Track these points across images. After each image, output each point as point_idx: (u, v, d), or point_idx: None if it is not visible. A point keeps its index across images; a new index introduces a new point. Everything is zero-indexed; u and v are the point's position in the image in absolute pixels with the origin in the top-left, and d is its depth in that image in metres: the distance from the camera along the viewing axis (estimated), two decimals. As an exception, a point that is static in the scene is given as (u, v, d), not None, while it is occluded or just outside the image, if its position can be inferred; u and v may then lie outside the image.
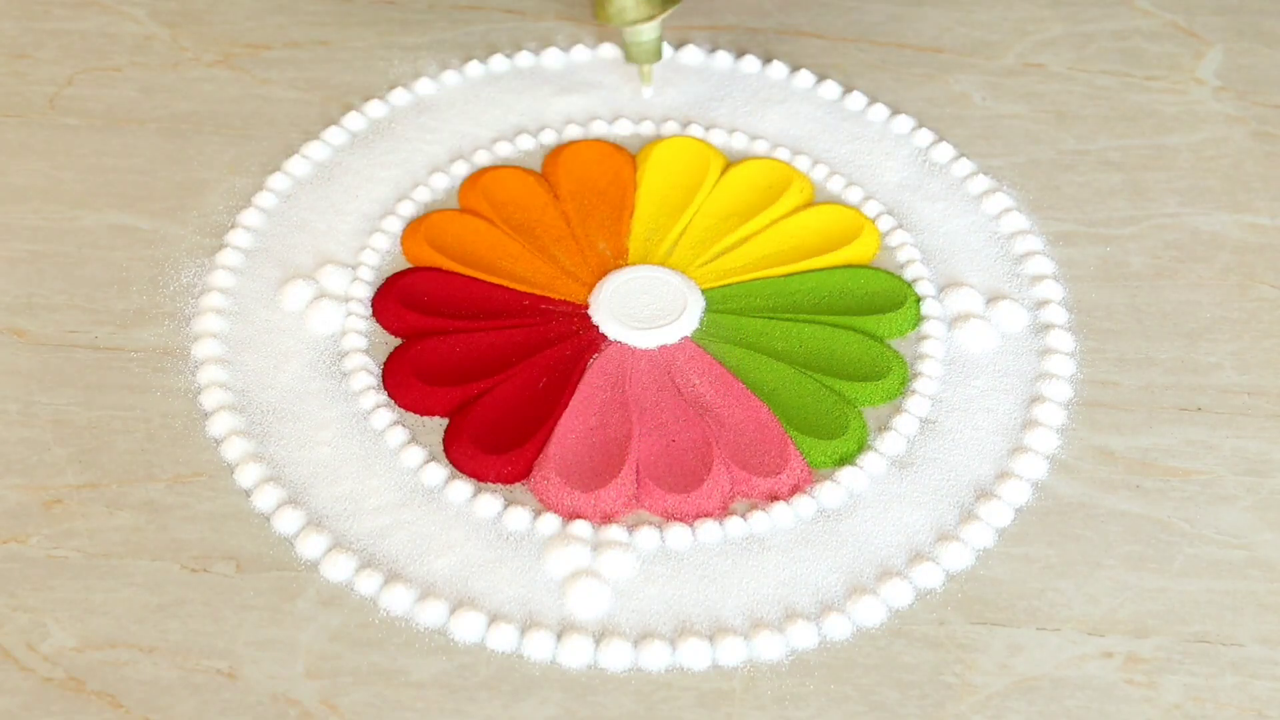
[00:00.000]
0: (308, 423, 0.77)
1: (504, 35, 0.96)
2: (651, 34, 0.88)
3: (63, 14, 0.97)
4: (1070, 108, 0.93)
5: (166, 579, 0.72)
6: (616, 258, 0.84)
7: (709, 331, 0.81)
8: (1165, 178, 0.89)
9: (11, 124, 0.91)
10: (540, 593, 0.72)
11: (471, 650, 0.70)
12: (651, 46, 0.89)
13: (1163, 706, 0.68)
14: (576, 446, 0.76)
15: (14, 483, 0.75)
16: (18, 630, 0.70)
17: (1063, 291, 0.84)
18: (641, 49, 0.89)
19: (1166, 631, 0.71)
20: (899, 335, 0.82)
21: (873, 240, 0.86)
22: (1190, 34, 0.97)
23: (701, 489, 0.75)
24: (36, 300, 0.82)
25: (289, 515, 0.74)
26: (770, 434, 0.77)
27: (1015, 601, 0.72)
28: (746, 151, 0.90)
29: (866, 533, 0.74)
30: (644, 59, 0.89)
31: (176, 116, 0.91)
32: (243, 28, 0.97)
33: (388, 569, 0.72)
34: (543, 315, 0.81)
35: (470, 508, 0.75)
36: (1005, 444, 0.77)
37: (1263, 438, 0.77)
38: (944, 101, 0.93)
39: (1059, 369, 0.80)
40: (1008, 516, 0.75)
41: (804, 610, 0.71)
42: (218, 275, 0.83)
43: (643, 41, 0.89)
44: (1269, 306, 0.83)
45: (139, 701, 0.68)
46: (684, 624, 0.71)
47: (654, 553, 0.73)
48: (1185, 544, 0.74)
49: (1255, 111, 0.93)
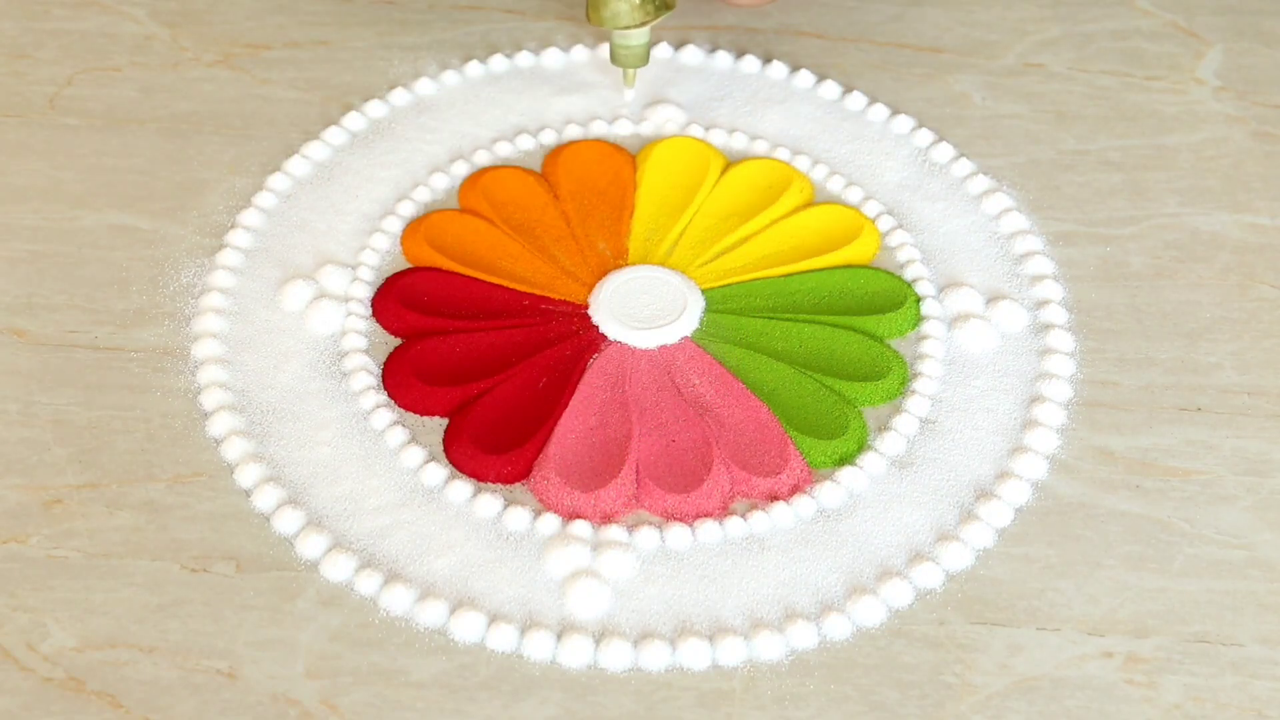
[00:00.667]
0: (308, 423, 0.77)
1: (504, 35, 0.96)
2: (641, 39, 0.87)
3: (63, 14, 0.97)
4: (1070, 108, 0.93)
5: (166, 579, 0.72)
6: (616, 258, 0.84)
7: (709, 331, 0.81)
8: (1165, 178, 0.89)
9: (11, 124, 0.91)
10: (540, 593, 0.72)
11: (471, 650, 0.70)
12: (639, 51, 0.88)
13: (1163, 706, 0.68)
14: (576, 446, 0.76)
15: (14, 483, 0.75)
16: (18, 630, 0.70)
17: (1063, 291, 0.84)
18: (630, 53, 0.88)
19: (1166, 631, 0.71)
20: (899, 335, 0.82)
21: (873, 240, 0.86)
22: (1190, 34, 0.97)
23: (701, 489, 0.75)
24: (36, 300, 0.82)
25: (289, 515, 0.74)
26: (770, 434, 0.77)
27: (1015, 601, 0.72)
28: (746, 151, 0.90)
29: (866, 533, 0.74)
30: (630, 63, 0.88)
31: (176, 116, 0.91)
32: (243, 28, 0.97)
33: (388, 569, 0.72)
34: (543, 315, 0.81)
35: (470, 508, 0.75)
36: (1005, 444, 0.77)
37: (1263, 438, 0.77)
38: (944, 101, 0.93)
39: (1059, 369, 0.80)
40: (1008, 516, 0.75)
41: (804, 610, 0.71)
42: (218, 275, 0.83)
43: (632, 46, 0.88)
44: (1269, 306, 0.83)
45: (139, 701, 0.68)
46: (684, 624, 0.71)
47: (654, 553, 0.73)
48: (1185, 544, 0.74)
49: (1255, 111, 0.93)
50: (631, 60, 0.88)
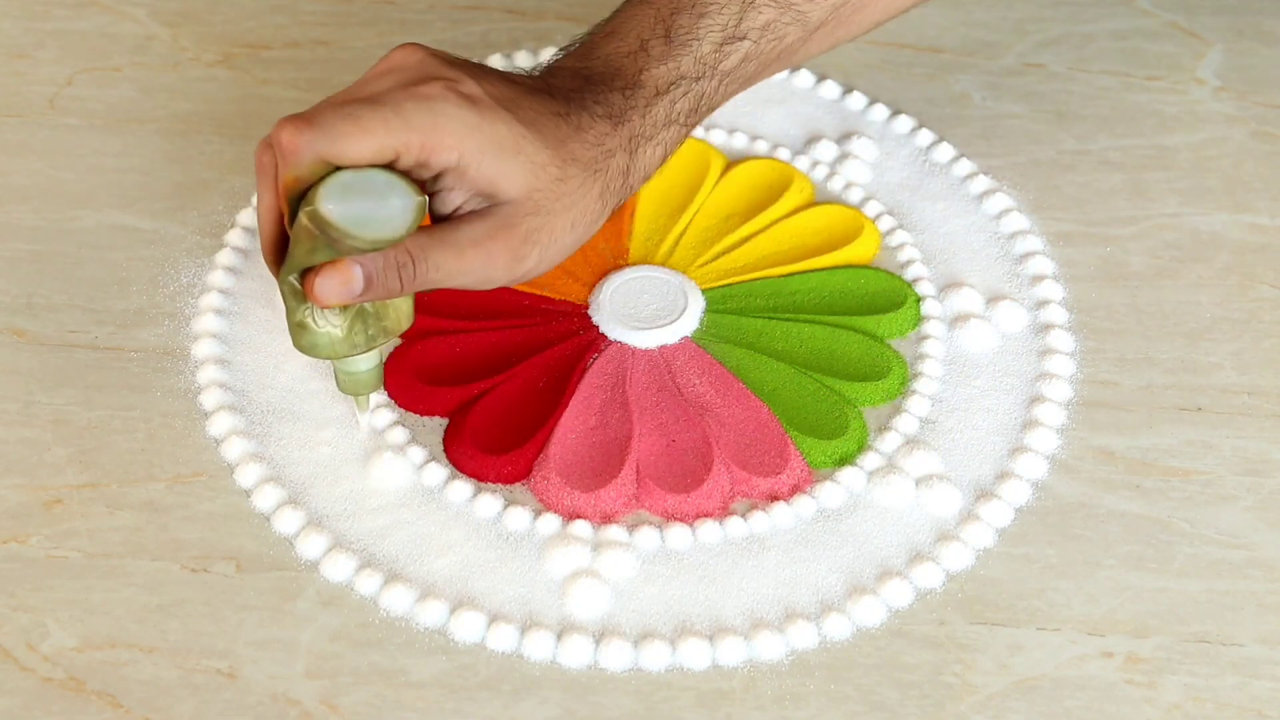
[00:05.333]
0: (308, 423, 0.77)
1: (504, 35, 0.96)
2: (368, 364, 0.72)
3: (63, 14, 0.97)
4: (1070, 108, 0.93)
5: (166, 579, 0.72)
6: (616, 258, 0.84)
7: (709, 331, 0.81)
8: (1165, 178, 0.89)
9: (11, 124, 0.91)
10: (540, 593, 0.72)
11: (471, 650, 0.70)
12: (367, 378, 0.72)
13: (1163, 706, 0.68)
14: (576, 446, 0.76)
15: (14, 483, 0.75)
16: (18, 630, 0.70)
17: (1063, 291, 0.84)
18: (355, 380, 0.72)
19: (1166, 631, 0.71)
20: (899, 335, 0.82)
21: (873, 240, 0.86)
22: (1190, 34, 0.97)
23: (701, 489, 0.75)
24: (36, 300, 0.82)
25: (289, 515, 0.74)
26: (770, 434, 0.77)
27: (1015, 601, 0.72)
28: (746, 151, 0.90)
29: (866, 533, 0.74)
30: (357, 390, 0.73)
31: (176, 116, 0.92)
32: (243, 28, 0.97)
33: (388, 569, 0.72)
34: (543, 315, 0.81)
35: (470, 508, 0.75)
36: (1005, 444, 0.77)
37: (1263, 438, 0.77)
38: (944, 101, 0.93)
39: (1059, 369, 0.80)
40: (1008, 516, 0.75)
41: (804, 610, 0.71)
42: (218, 275, 0.83)
43: (356, 373, 0.72)
44: (1269, 306, 0.83)
45: (139, 701, 0.68)
46: (684, 624, 0.71)
47: (654, 553, 0.73)
48: (1185, 544, 0.74)
49: (1255, 111, 0.93)
50: (359, 387, 0.73)
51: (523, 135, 0.67)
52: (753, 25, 0.73)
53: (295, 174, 0.65)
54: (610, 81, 0.70)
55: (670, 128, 0.72)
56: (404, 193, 0.65)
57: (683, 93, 0.72)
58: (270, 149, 0.66)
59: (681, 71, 0.71)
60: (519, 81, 0.69)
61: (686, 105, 0.72)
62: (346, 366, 0.72)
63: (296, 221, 0.65)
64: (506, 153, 0.66)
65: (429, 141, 0.65)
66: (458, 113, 0.66)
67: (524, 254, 0.69)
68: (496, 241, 0.68)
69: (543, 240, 0.69)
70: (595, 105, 0.70)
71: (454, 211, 0.68)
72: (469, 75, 0.67)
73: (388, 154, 0.65)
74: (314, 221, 0.64)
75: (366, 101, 0.65)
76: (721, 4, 0.72)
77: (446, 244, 0.67)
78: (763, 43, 0.74)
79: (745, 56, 0.73)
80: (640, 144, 0.71)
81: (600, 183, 0.70)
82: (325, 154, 0.64)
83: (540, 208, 0.68)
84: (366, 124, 0.64)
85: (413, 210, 0.65)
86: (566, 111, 0.69)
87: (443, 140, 0.65)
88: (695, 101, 0.72)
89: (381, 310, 0.69)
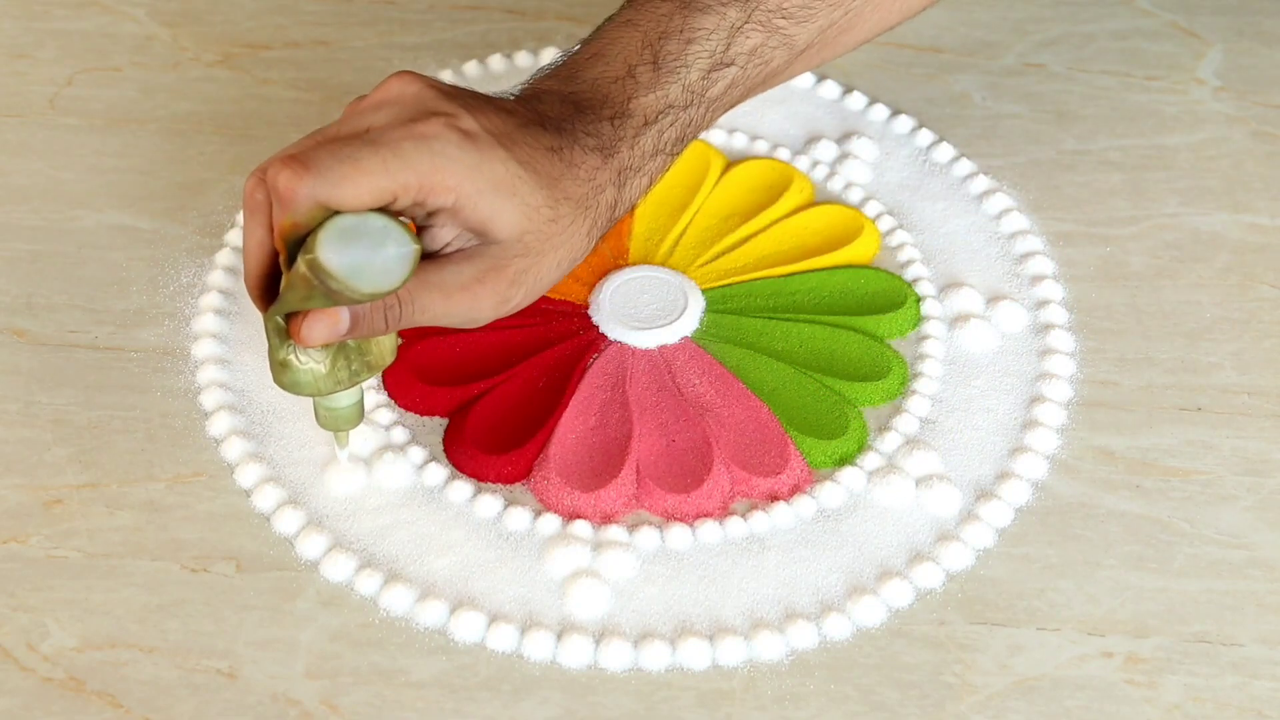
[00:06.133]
0: (308, 423, 0.77)
1: (504, 35, 0.96)
2: (349, 400, 0.72)
3: (63, 14, 0.97)
4: (1070, 108, 0.93)
5: (166, 579, 0.72)
6: (616, 258, 0.84)
7: (709, 331, 0.81)
8: (1165, 178, 0.89)
9: (11, 124, 0.91)
10: (540, 593, 0.72)
11: (471, 650, 0.70)
12: (348, 413, 0.72)
13: (1163, 706, 0.68)
14: (576, 446, 0.76)
15: (14, 483, 0.75)
16: (18, 630, 0.70)
17: (1063, 291, 0.84)
18: (334, 416, 0.72)
19: (1166, 631, 0.71)
20: (899, 335, 0.82)
21: (873, 240, 0.86)
22: (1190, 34, 0.97)
23: (701, 489, 0.75)
24: (36, 300, 0.82)
25: (289, 515, 0.74)
26: (770, 434, 0.77)
27: (1015, 601, 0.72)
28: (746, 151, 0.90)
29: (866, 533, 0.74)
30: (337, 426, 0.73)
31: (176, 116, 0.92)
32: (243, 28, 0.97)
33: (388, 569, 0.72)
34: (543, 315, 0.81)
35: (470, 508, 0.75)
36: (1005, 444, 0.77)
37: (1263, 438, 0.77)
38: (944, 101, 0.93)
39: (1059, 369, 0.80)
40: (1008, 516, 0.75)
41: (804, 610, 0.71)
42: (218, 275, 0.83)
43: (336, 409, 0.72)
44: (1269, 306, 0.83)
45: (139, 701, 0.68)
46: (684, 624, 0.71)
47: (654, 553, 0.73)
48: (1185, 544, 0.74)
49: (1255, 111, 0.93)
50: (339, 423, 0.72)
51: (519, 176, 0.66)
52: (740, 50, 0.72)
53: (293, 219, 0.64)
54: (599, 110, 0.70)
55: (657, 157, 0.71)
56: (400, 239, 0.64)
57: (670, 121, 0.71)
58: (263, 185, 0.65)
59: (669, 100, 0.71)
60: (513, 112, 0.68)
61: (674, 134, 0.71)
62: (327, 402, 0.71)
63: (294, 268, 0.64)
64: (502, 194, 0.66)
65: (427, 183, 0.64)
66: (458, 154, 0.65)
67: (510, 295, 0.68)
68: (484, 285, 0.67)
69: (528, 281, 0.68)
70: (586, 137, 0.69)
71: (443, 248, 0.68)
72: (466, 109, 0.66)
73: (386, 197, 0.64)
74: (313, 270, 0.63)
75: (365, 143, 0.64)
76: (709, 29, 0.72)
77: (433, 287, 0.67)
78: (749, 68, 0.73)
79: (732, 83, 0.73)
80: (629, 176, 0.70)
81: (589, 219, 0.69)
82: (324, 200, 0.63)
83: (530, 249, 0.68)
84: (366, 166, 0.63)
85: (409, 260, 0.64)
86: (559, 145, 0.68)
87: (443, 182, 0.65)
88: (682, 130, 0.72)
89: (364, 346, 0.69)
